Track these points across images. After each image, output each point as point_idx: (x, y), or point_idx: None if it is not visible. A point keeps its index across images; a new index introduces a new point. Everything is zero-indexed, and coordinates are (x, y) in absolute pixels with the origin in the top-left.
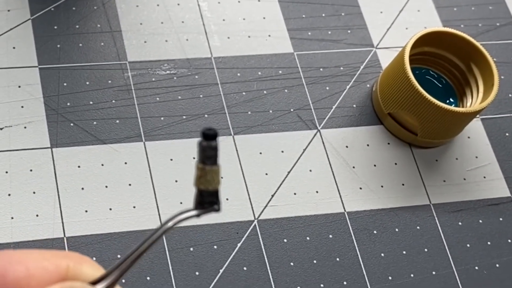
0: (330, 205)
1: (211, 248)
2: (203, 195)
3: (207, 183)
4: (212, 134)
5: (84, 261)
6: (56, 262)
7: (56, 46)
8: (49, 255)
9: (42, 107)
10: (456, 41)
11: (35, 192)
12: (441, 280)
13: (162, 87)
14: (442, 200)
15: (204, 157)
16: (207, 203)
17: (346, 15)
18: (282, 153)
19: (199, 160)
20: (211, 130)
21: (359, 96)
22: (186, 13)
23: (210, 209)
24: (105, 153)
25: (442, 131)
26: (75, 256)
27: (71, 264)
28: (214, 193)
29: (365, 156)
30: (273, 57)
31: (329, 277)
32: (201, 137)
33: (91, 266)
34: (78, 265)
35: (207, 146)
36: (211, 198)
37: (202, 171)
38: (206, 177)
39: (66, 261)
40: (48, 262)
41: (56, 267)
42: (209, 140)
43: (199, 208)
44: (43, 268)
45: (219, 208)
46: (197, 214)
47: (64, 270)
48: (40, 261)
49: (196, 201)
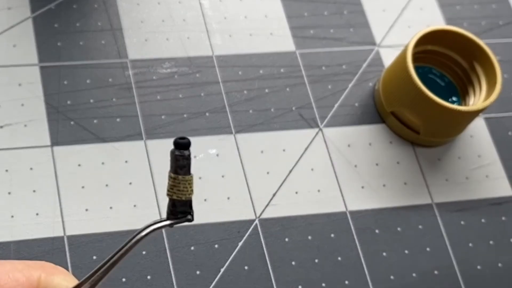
0: (332, 204)
1: (212, 247)
2: (175, 205)
3: (179, 193)
4: (185, 143)
5: (58, 272)
6: (28, 274)
7: (56, 44)
8: (21, 266)
9: (42, 105)
10: (459, 40)
11: (35, 190)
12: (444, 279)
13: (163, 86)
14: (444, 199)
15: (177, 166)
16: (180, 212)
17: (348, 13)
18: (283, 151)
19: (171, 169)
20: (184, 139)
21: (362, 95)
22: (188, 11)
23: (183, 219)
24: (106, 151)
25: (445, 130)
26: (48, 267)
27: (43, 276)
28: (187, 203)
29: (367, 155)
30: (275, 56)
31: (330, 276)
32: (174, 146)
33: (63, 278)
34: (50, 276)
35: (180, 156)
36: (184, 207)
37: (175, 181)
38: (179, 187)
39: (38, 272)
40: (20, 274)
41: (28, 279)
42: (182, 149)
43: (172, 218)
44: (14, 280)
45: (192, 218)
46: (169, 224)
47: (36, 282)
48: (12, 273)
49: (169, 211)
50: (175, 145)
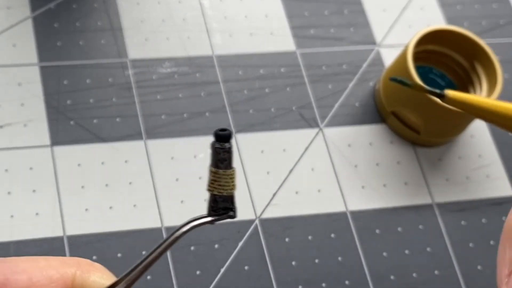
0: (332, 204)
1: (212, 247)
2: (217, 200)
3: (221, 188)
4: (226, 135)
5: (94, 269)
6: (62, 271)
7: (56, 43)
8: (56, 262)
9: (42, 105)
10: (460, 39)
11: (35, 190)
12: (444, 279)
13: (163, 85)
14: (445, 199)
15: (217, 160)
16: (221, 208)
17: (349, 13)
18: (284, 151)
19: (212, 163)
20: (224, 131)
21: (362, 95)
22: (188, 11)
23: (224, 216)
24: (106, 151)
25: (445, 130)
26: (84, 264)
27: (78, 273)
28: (229, 198)
29: (368, 155)
30: (276, 55)
31: (331, 276)
32: (214, 138)
33: (100, 275)
34: (86, 273)
35: (220, 148)
36: (225, 203)
37: (216, 175)
38: (220, 182)
39: (73, 269)
40: (54, 271)
41: (62, 276)
42: (222, 141)
43: (213, 215)
44: (48, 277)
45: (234, 214)
46: (210, 221)
47: (70, 279)
48: (46, 270)
49: (209, 207)
50: (215, 137)
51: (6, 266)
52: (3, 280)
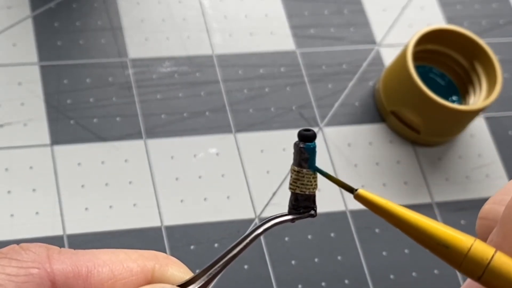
0: (332, 203)
1: (212, 246)
2: (298, 199)
3: (303, 187)
4: (310, 135)
5: (172, 262)
6: (142, 264)
7: (56, 43)
8: (135, 255)
9: (42, 105)
10: (460, 39)
11: (35, 189)
12: (444, 279)
13: (163, 85)
14: (444, 198)
15: (301, 159)
16: (302, 207)
17: (349, 13)
18: (283, 151)
19: (295, 162)
20: (309, 131)
21: (362, 94)
22: (188, 10)
23: (306, 214)
24: (106, 150)
25: (445, 129)
26: (162, 257)
27: (157, 266)
28: (311, 197)
29: (368, 154)
30: (275, 55)
31: (330, 275)
32: (298, 138)
33: (178, 268)
34: (165, 266)
35: (304, 148)
36: (307, 202)
37: (299, 174)
38: (303, 181)
39: (152, 262)
40: (134, 264)
41: (142, 269)
42: (307, 141)
43: (294, 213)
44: (128, 270)
45: (315, 213)
46: (292, 219)
47: (150, 272)
48: (126, 262)
49: (291, 205)
50: (299, 137)
51: (88, 259)
52: (86, 272)
